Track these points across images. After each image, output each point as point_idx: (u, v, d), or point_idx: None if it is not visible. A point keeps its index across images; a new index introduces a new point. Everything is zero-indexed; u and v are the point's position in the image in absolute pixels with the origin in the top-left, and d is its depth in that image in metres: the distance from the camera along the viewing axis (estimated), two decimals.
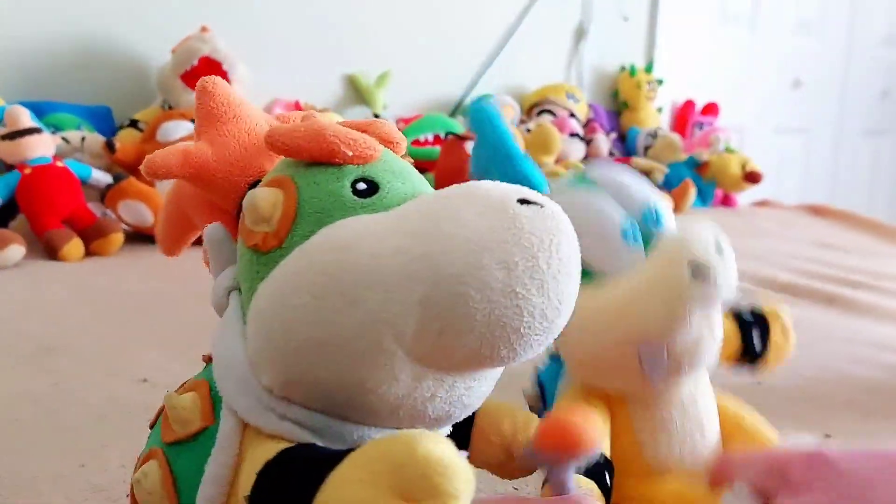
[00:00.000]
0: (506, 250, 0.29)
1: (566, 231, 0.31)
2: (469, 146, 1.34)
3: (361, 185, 0.32)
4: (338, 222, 0.30)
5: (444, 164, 1.34)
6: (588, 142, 1.67)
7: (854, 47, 2.46)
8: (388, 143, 0.35)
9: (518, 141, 1.47)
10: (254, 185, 0.35)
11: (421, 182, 0.35)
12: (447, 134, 1.41)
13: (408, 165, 0.35)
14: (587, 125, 1.75)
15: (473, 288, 0.28)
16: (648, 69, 1.91)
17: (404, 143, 0.36)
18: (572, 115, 1.70)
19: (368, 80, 1.53)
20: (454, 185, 0.32)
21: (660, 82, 1.89)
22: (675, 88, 2.00)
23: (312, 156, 0.32)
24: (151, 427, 0.35)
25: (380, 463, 0.24)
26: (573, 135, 1.63)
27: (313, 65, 1.50)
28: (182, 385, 0.34)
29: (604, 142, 1.70)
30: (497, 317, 0.29)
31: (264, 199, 0.31)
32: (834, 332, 0.83)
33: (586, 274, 0.33)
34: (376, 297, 0.28)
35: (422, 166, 1.37)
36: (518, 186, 0.32)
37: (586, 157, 1.65)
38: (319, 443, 0.30)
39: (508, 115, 1.54)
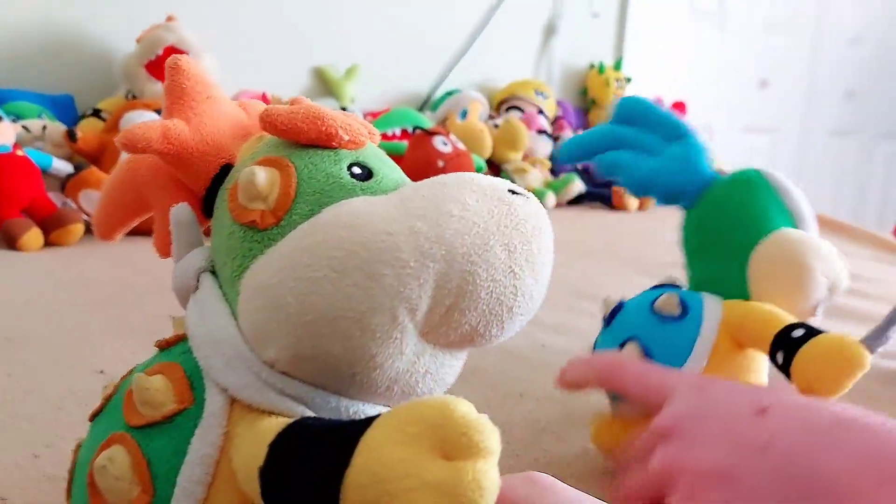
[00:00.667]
0: (506, 234, 0.31)
1: (548, 221, 0.34)
2: (437, 141, 1.34)
3: (357, 170, 0.33)
4: (343, 201, 0.32)
5: (411, 159, 1.34)
6: (556, 139, 1.68)
7: (821, 48, 2.49)
8: (368, 133, 0.36)
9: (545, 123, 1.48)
10: (226, 166, 0.36)
11: (401, 171, 0.36)
12: (415, 128, 1.41)
13: (386, 155, 0.37)
14: (555, 122, 1.75)
15: (481, 267, 0.31)
16: (617, 67, 1.92)
17: (378, 136, 0.37)
18: (540, 111, 1.70)
19: (337, 73, 1.52)
20: (444, 175, 0.34)
21: (628, 80, 1.91)
22: (644, 86, 2.01)
23: (310, 138, 0.33)
24: (92, 419, 0.35)
25: (416, 425, 0.25)
26: (541, 131, 1.64)
27: (281, 57, 1.50)
28: (133, 371, 0.34)
29: None
30: (497, 295, 0.31)
31: (263, 177, 0.32)
32: None
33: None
34: (394, 273, 0.29)
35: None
36: (502, 179, 0.35)
37: (554, 155, 1.66)
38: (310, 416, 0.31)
39: (477, 110, 1.54)
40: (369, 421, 0.26)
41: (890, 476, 0.30)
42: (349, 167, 0.33)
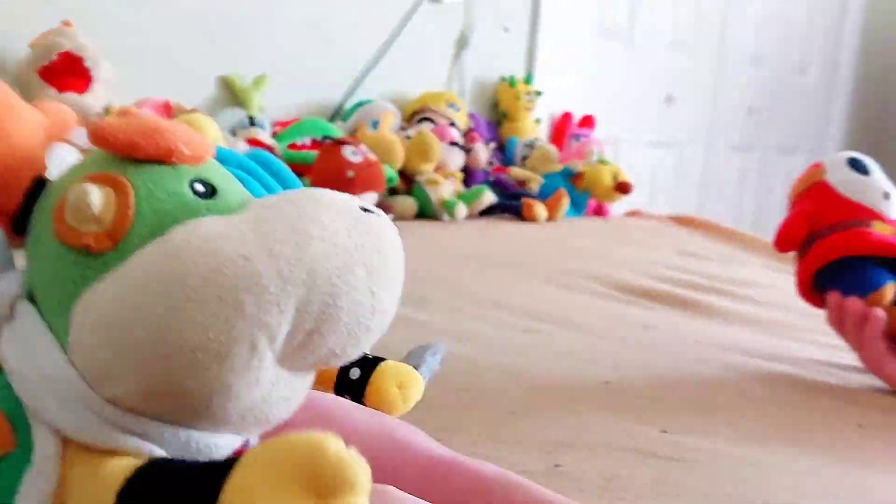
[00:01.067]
0: (366, 254, 0.30)
1: (398, 238, 0.33)
2: (346, 150, 1.33)
3: (199, 187, 0.31)
4: (191, 223, 0.30)
5: (320, 169, 1.33)
6: (468, 151, 1.69)
7: (723, 66, 2.58)
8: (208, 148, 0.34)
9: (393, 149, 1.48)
10: (39, 183, 0.33)
11: (241, 186, 0.35)
12: (324, 138, 1.40)
13: (226, 169, 0.36)
14: (467, 134, 1.77)
15: (343, 290, 0.29)
16: (528, 80, 1.95)
17: (214, 150, 0.36)
18: (452, 123, 1.72)
19: (244, 82, 1.50)
20: (292, 192, 0.33)
21: (538, 94, 1.94)
22: (554, 100, 2.05)
23: (148, 153, 0.31)
24: None
25: (287, 465, 0.24)
26: (453, 143, 1.65)
27: (185, 64, 1.46)
28: None
29: (483, 151, 1.72)
30: (357, 317, 0.30)
31: (97, 198, 0.30)
32: (685, 334, 0.86)
33: None
34: (255, 301, 0.28)
35: (298, 170, 1.35)
36: (351, 196, 0.34)
37: (466, 167, 1.67)
38: (161, 454, 0.29)
39: (388, 121, 1.54)
40: (232, 462, 0.25)
41: None
42: (191, 184, 0.31)
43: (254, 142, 1.36)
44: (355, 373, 0.43)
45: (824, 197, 0.72)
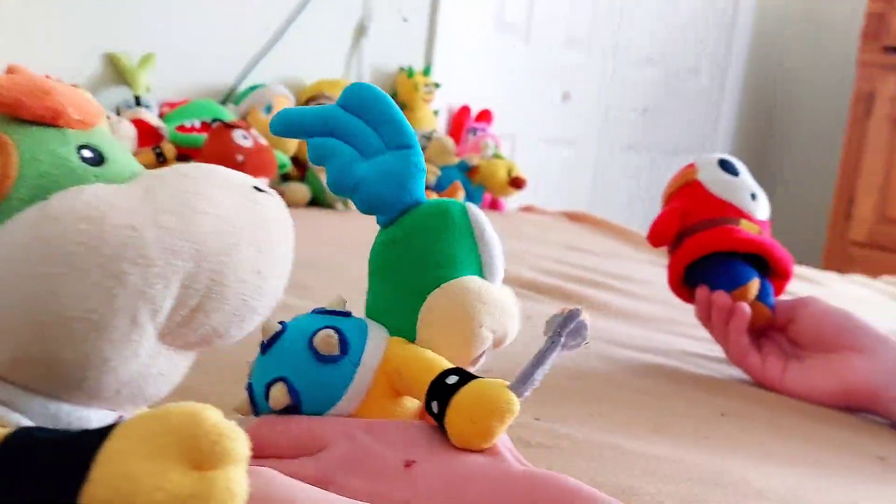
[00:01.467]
0: (255, 233, 0.30)
1: (290, 220, 0.33)
2: (237, 134, 1.30)
3: (87, 153, 0.31)
4: (77, 188, 0.29)
5: (209, 152, 1.30)
6: None
7: (618, 65, 2.65)
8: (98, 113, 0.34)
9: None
10: None
11: (133, 158, 0.34)
12: (214, 121, 1.37)
13: (116, 139, 0.35)
14: None
15: (230, 267, 0.29)
16: (426, 72, 1.95)
17: (104, 116, 0.35)
18: None
19: (131, 60, 1.45)
20: (185, 165, 0.32)
21: (437, 85, 1.94)
22: (453, 93, 2.06)
23: (34, 114, 0.30)
24: None
25: (165, 436, 0.23)
26: None
27: (68, 40, 1.40)
28: None
29: None
30: (242, 296, 0.30)
31: None
32: None
33: None
34: (139, 273, 0.27)
35: (186, 153, 1.32)
36: (246, 175, 0.33)
37: None
38: (30, 425, 0.28)
39: (282, 105, 1.51)
40: (106, 430, 0.24)
41: None
42: (78, 150, 0.30)
43: (139, 122, 1.31)
44: (452, 379, 0.40)
45: (696, 195, 0.75)
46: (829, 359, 0.68)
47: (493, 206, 1.83)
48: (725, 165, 0.76)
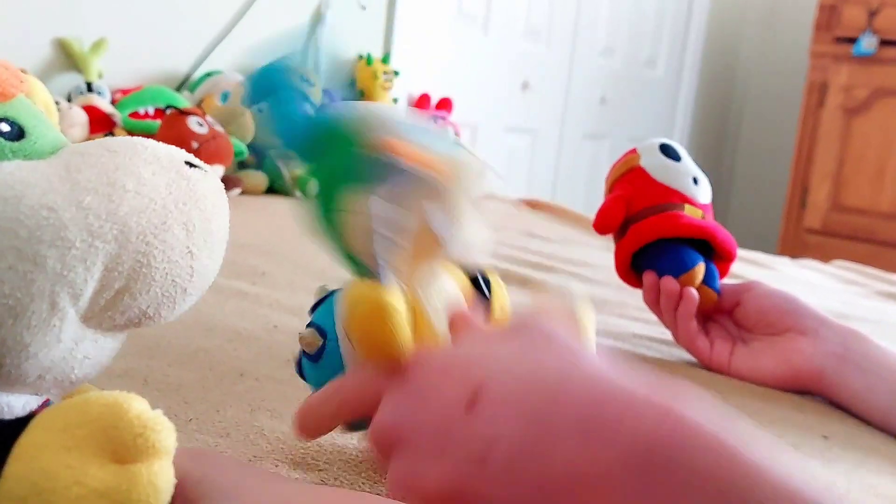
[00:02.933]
0: (185, 212, 0.29)
1: (225, 198, 0.32)
2: (191, 121, 1.28)
3: (5, 127, 0.29)
4: None
5: (163, 138, 1.26)
6: None
7: (576, 56, 2.67)
8: (15, 78, 0.32)
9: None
10: None
11: (57, 130, 0.32)
12: (168, 107, 1.35)
13: (38, 109, 0.33)
14: None
15: (157, 248, 0.28)
16: (385, 60, 1.95)
17: (26, 85, 0.34)
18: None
19: (83, 46, 1.42)
20: (111, 139, 0.31)
21: (396, 73, 1.94)
22: (412, 81, 2.06)
23: None
24: None
25: (85, 427, 0.23)
26: None
27: (17, 25, 1.37)
28: None
29: None
30: (172, 277, 0.29)
31: None
32: (517, 309, 0.89)
33: None
34: (57, 255, 0.26)
35: None
36: (178, 149, 0.32)
37: None
38: None
39: (239, 93, 1.50)
40: (24, 422, 0.24)
41: (625, 460, 0.27)
42: None
43: (90, 109, 1.29)
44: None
45: (639, 182, 0.75)
46: (774, 341, 0.69)
47: None
48: (667, 150, 0.76)
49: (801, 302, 0.70)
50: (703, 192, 0.76)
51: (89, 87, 1.36)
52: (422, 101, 2.07)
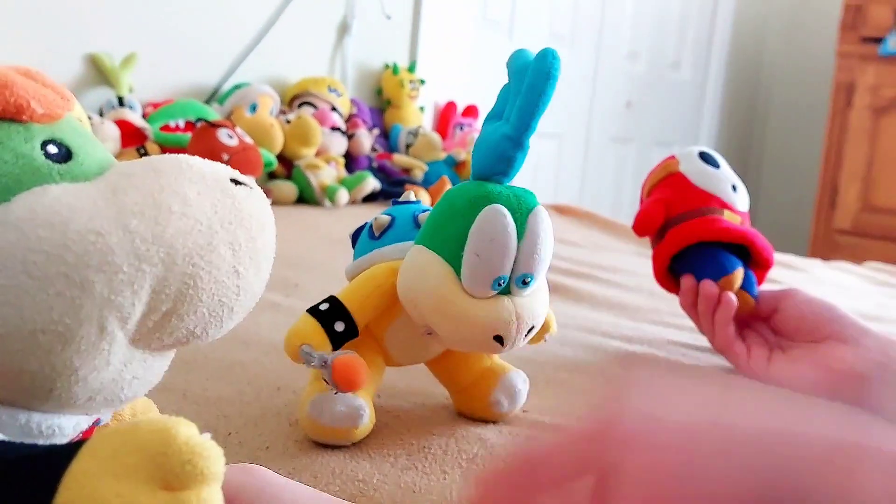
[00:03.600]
0: (231, 231, 0.29)
1: (271, 213, 0.32)
2: (221, 133, 1.30)
3: (53, 149, 0.29)
4: (38, 189, 0.27)
5: (194, 151, 1.28)
6: (350, 136, 1.68)
7: (601, 60, 2.66)
8: (62, 98, 0.32)
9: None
10: None
11: (104, 149, 0.32)
12: (198, 120, 1.36)
13: (86, 128, 0.33)
14: (349, 120, 1.76)
15: (204, 269, 0.28)
16: (411, 69, 1.95)
17: (74, 101, 0.34)
18: (334, 108, 1.70)
19: (113, 60, 1.44)
20: (156, 158, 0.30)
21: (422, 82, 1.94)
22: (438, 89, 2.06)
23: None
24: None
25: (134, 455, 0.22)
26: (335, 128, 1.63)
27: (50, 41, 1.39)
28: None
29: (366, 137, 1.71)
30: (219, 297, 0.29)
31: None
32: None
33: None
34: (105, 280, 0.26)
35: (171, 153, 1.31)
36: (223, 166, 0.32)
37: (348, 153, 1.66)
38: (0, 438, 0.26)
39: (267, 105, 1.51)
40: (74, 448, 0.23)
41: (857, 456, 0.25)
42: (43, 145, 0.29)
43: (122, 123, 1.31)
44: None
45: (679, 186, 0.75)
46: (813, 349, 0.68)
47: None
48: (706, 157, 0.76)
49: (842, 310, 0.69)
50: (742, 200, 0.76)
51: (121, 102, 1.38)
52: (448, 109, 2.08)
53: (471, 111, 2.10)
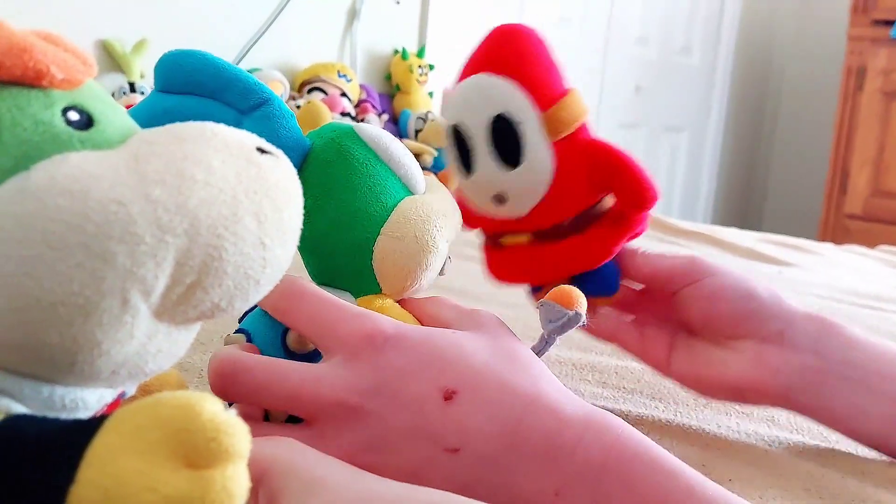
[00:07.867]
0: (256, 201, 0.28)
1: (298, 184, 0.30)
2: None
3: (74, 115, 0.27)
4: (59, 157, 0.26)
5: None
6: (360, 122, 1.68)
7: (610, 45, 2.65)
8: (83, 64, 0.30)
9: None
10: None
11: (127, 115, 0.31)
12: None
13: (108, 94, 0.33)
14: (359, 105, 1.76)
15: (229, 241, 0.27)
16: (420, 54, 1.95)
17: (95, 66, 0.33)
18: (343, 94, 1.70)
19: (124, 47, 1.44)
20: (180, 126, 0.29)
21: (431, 67, 1.94)
22: (447, 75, 2.05)
23: (13, 75, 0.27)
24: None
25: (157, 430, 0.21)
26: (344, 114, 1.64)
27: (62, 28, 1.39)
28: None
29: (375, 122, 1.71)
30: (244, 269, 0.28)
31: None
32: None
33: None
34: (127, 251, 0.25)
35: None
36: (249, 133, 0.31)
37: None
38: (21, 410, 0.27)
39: (277, 90, 1.51)
40: (97, 423, 0.22)
41: (560, 478, 0.32)
42: (64, 112, 0.27)
43: None
44: None
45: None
46: (729, 346, 0.51)
47: None
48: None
49: (763, 296, 0.51)
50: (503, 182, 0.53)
51: (132, 88, 1.39)
52: None
53: None
